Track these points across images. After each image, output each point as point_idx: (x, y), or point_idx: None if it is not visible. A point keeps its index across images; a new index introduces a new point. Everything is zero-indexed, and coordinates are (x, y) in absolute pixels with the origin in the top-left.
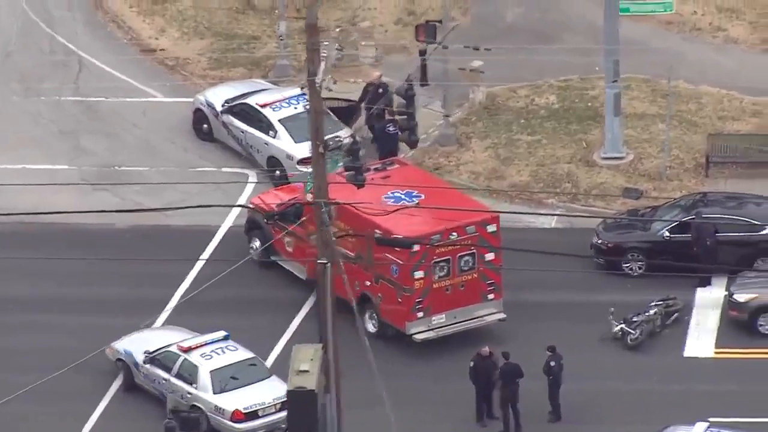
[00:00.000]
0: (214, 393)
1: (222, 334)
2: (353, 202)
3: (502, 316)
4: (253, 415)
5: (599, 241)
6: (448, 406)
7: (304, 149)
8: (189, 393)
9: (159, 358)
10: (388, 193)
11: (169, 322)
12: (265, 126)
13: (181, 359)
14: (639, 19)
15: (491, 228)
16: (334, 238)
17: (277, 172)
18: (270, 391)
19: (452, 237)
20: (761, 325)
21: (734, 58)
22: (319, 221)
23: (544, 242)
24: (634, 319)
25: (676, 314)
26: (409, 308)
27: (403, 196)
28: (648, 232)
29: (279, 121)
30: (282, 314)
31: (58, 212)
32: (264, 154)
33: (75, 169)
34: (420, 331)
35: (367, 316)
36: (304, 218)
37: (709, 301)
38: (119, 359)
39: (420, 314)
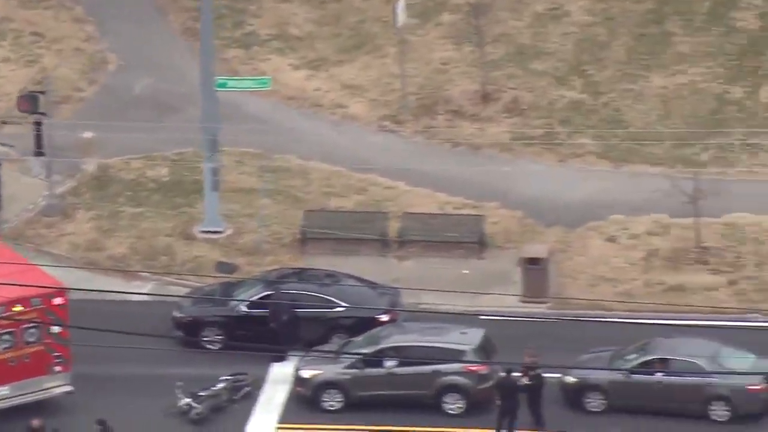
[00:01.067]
0: None
1: None
2: None
3: (69, 388)
4: None
5: (179, 315)
6: None
7: None
8: None
9: None
10: None
11: None
12: None
13: None
14: (263, 94)
15: (58, 301)
16: None
17: None
18: None
19: (16, 308)
20: (324, 401)
21: (350, 135)
22: None
23: (133, 315)
24: (201, 393)
25: (246, 389)
26: None
27: None
28: (226, 306)
29: None
30: None
31: None
32: None
33: None
34: None
35: None
36: None
37: (281, 377)
38: None
39: None
